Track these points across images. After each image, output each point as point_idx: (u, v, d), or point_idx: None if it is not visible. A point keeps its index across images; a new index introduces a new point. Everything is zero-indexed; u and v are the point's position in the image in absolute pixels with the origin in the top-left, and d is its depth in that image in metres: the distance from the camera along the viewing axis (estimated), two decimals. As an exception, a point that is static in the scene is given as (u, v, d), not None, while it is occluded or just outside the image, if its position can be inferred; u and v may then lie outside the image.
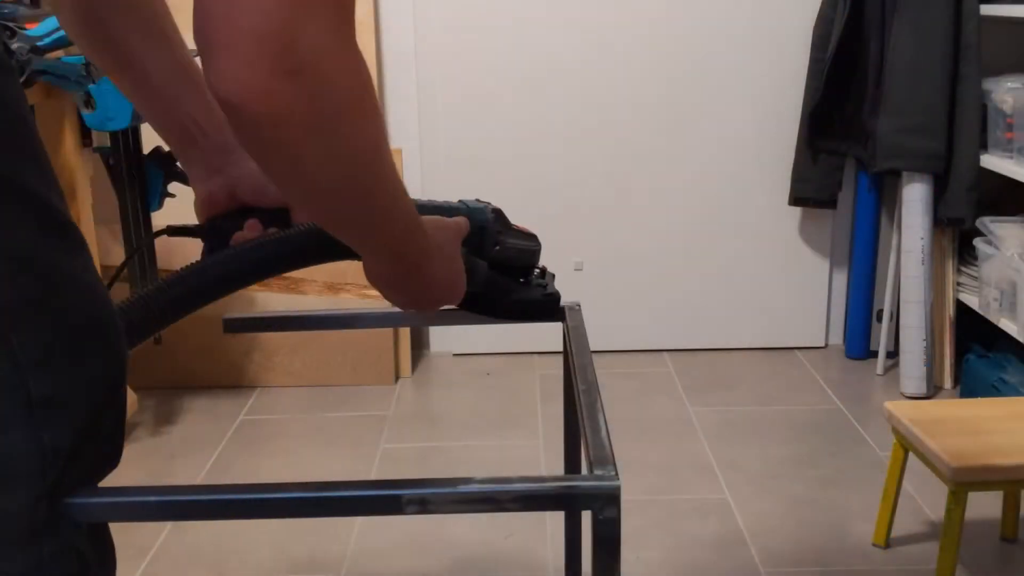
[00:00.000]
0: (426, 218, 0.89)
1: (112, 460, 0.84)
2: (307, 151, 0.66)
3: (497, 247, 1.07)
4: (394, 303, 0.92)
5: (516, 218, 1.13)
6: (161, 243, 1.91)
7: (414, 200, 0.98)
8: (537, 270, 1.16)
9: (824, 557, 2.07)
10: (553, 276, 1.20)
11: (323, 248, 0.92)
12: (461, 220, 0.99)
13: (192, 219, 1.06)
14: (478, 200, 1.08)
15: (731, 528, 2.19)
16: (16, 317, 0.70)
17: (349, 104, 0.66)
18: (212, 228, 1.02)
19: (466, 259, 0.98)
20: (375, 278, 0.88)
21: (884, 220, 3.06)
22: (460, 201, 1.07)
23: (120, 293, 0.84)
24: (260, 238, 0.95)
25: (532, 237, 1.14)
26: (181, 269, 0.93)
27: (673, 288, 3.17)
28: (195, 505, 0.82)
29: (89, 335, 0.76)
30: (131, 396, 2.68)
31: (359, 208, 0.75)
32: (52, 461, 0.73)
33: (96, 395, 0.77)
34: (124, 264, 1.09)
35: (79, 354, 0.75)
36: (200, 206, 1.04)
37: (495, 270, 1.07)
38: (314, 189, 0.71)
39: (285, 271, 0.97)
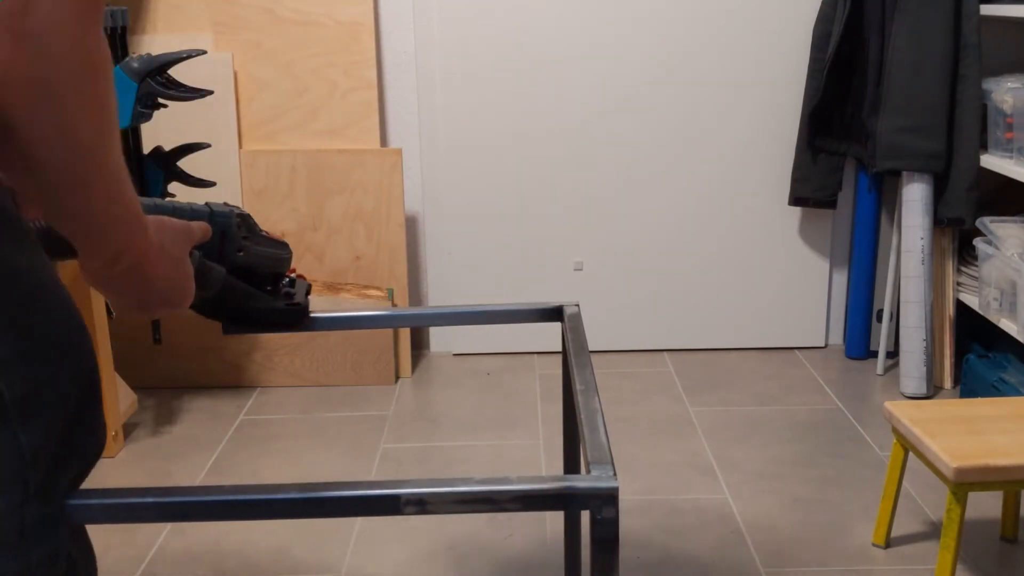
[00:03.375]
0: (150, 217, 0.88)
1: (96, 451, 0.84)
2: (23, 120, 0.67)
3: (241, 252, 1.05)
4: (115, 305, 0.89)
5: (516, 218, 1.13)
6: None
7: (154, 201, 0.98)
8: (287, 279, 1.14)
9: (824, 557, 2.07)
10: (309, 286, 1.18)
11: (46, 243, 0.89)
12: (198, 224, 0.96)
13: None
14: (225, 204, 1.06)
15: (731, 528, 2.19)
16: None
17: (73, 83, 0.68)
18: None
19: (199, 263, 0.96)
20: (92, 277, 0.85)
21: (884, 220, 3.07)
22: (206, 204, 1.05)
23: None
24: None
25: (282, 244, 1.12)
26: None
27: (673, 288, 3.17)
28: (195, 505, 0.82)
29: (59, 335, 0.76)
30: (131, 396, 2.68)
31: (76, 196, 0.74)
32: (32, 462, 0.73)
33: (71, 393, 0.77)
34: None
35: (51, 354, 0.75)
36: None
37: (240, 276, 1.05)
38: (29, 164, 0.71)
39: None
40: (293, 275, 1.17)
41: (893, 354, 3.03)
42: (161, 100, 2.32)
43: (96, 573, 0.88)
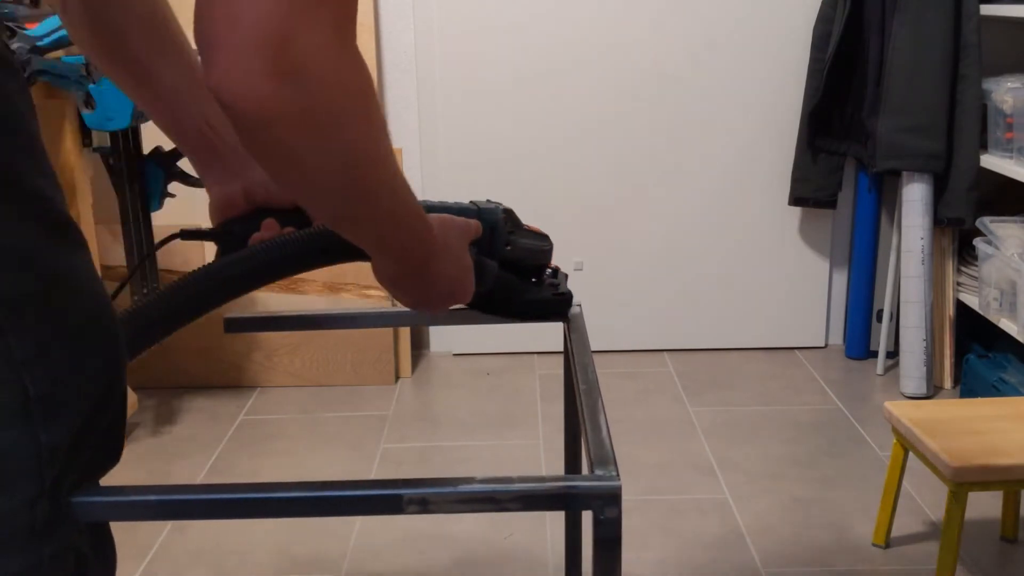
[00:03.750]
0: (433, 216, 0.89)
1: (112, 457, 0.84)
2: (303, 152, 0.66)
3: (508, 247, 1.07)
4: (403, 303, 0.93)
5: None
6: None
7: (425, 202, 0.98)
8: (549, 269, 1.16)
9: (824, 557, 2.07)
10: (566, 276, 1.20)
11: (333, 248, 0.92)
12: (471, 221, 0.99)
13: (188, 219, 1.05)
14: (489, 201, 1.09)
15: (731, 528, 2.19)
16: (14, 314, 0.70)
17: (345, 107, 0.66)
18: (227, 231, 1.01)
19: (475, 259, 0.98)
20: (383, 277, 0.88)
21: (884, 220, 3.06)
22: (471, 202, 1.08)
23: (121, 294, 0.84)
24: (275, 238, 0.94)
25: (544, 237, 1.14)
26: (196, 270, 0.93)
27: (673, 288, 3.17)
28: (195, 505, 0.82)
29: (87, 334, 0.76)
30: (131, 396, 2.68)
31: (362, 208, 0.75)
32: (49, 459, 0.73)
33: (94, 393, 0.77)
34: (135, 269, 1.09)
35: (77, 352, 0.75)
36: (215, 209, 1.03)
37: (506, 270, 1.07)
38: (313, 189, 0.71)
39: (296, 272, 0.97)
40: (555, 268, 1.19)
41: (893, 354, 3.03)
42: (161, 100, 2.31)
43: (114, 569, 0.89)
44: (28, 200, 0.72)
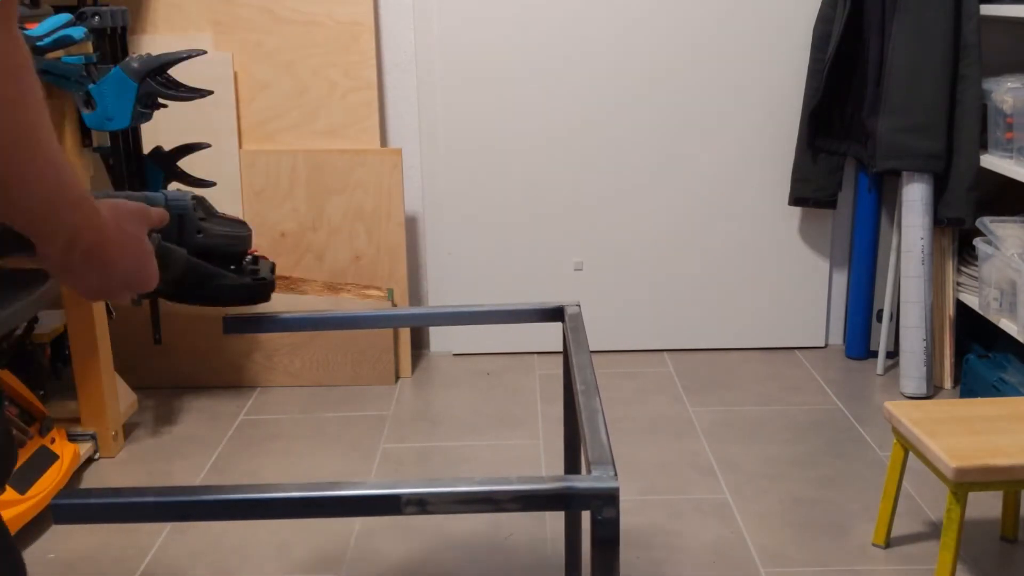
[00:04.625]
0: (104, 201, 0.89)
1: (8, 462, 0.84)
2: None
3: (200, 234, 1.08)
4: (80, 292, 0.91)
5: (516, 218, 1.13)
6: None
7: (105, 192, 0.99)
8: (249, 256, 1.17)
9: (824, 557, 2.07)
10: (272, 265, 1.21)
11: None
12: (153, 208, 0.98)
13: None
14: (179, 190, 1.10)
15: (731, 528, 2.19)
16: None
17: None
18: None
19: (159, 247, 0.98)
20: (53, 265, 0.87)
21: (884, 220, 3.06)
22: (161, 192, 1.08)
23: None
24: None
25: (241, 224, 1.15)
26: None
27: (673, 288, 3.17)
28: (194, 505, 0.82)
29: None
30: (131, 396, 2.68)
31: (16, 191, 0.76)
32: None
33: None
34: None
35: None
36: None
37: (202, 257, 1.08)
38: None
39: None
40: (255, 254, 1.20)
41: (893, 354, 3.03)
42: (161, 100, 2.32)
43: None
44: None
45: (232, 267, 1.15)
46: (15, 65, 0.70)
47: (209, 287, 1.11)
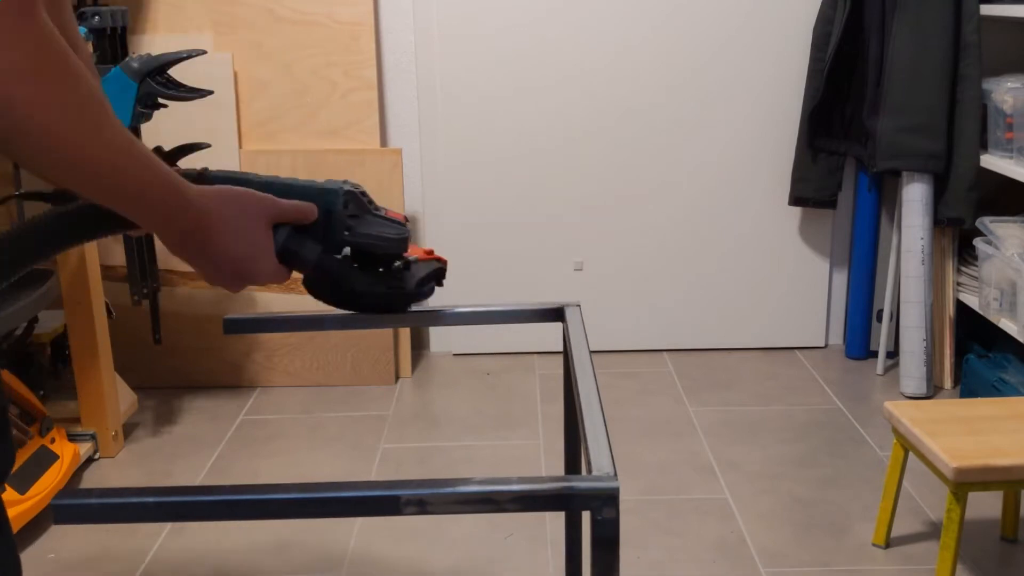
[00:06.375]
0: (220, 189, 0.88)
1: (6, 463, 0.84)
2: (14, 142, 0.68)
3: (347, 232, 1.00)
4: (202, 277, 0.91)
5: (516, 218, 1.12)
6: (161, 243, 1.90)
7: (275, 178, 0.96)
8: (400, 262, 1.07)
9: (824, 557, 2.07)
10: (436, 270, 1.11)
11: (100, 220, 0.89)
12: (288, 202, 0.95)
13: None
14: (347, 182, 1.02)
15: (731, 528, 2.19)
16: None
17: (27, 90, 0.67)
18: (61, 195, 0.97)
19: (286, 238, 0.94)
20: (171, 249, 0.88)
21: (884, 220, 3.06)
22: (315, 183, 1.02)
23: (121, 294, 0.84)
24: (44, 214, 0.90)
25: (397, 224, 1.05)
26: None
27: (673, 288, 3.17)
28: (194, 505, 0.82)
29: None
30: (131, 396, 2.68)
31: (90, 187, 0.76)
32: None
33: None
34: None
35: None
36: None
37: (360, 257, 1.02)
38: (43, 174, 0.73)
39: (68, 246, 0.92)
40: (413, 257, 1.09)
41: (893, 354, 3.03)
42: (161, 100, 2.31)
43: None
44: None
45: (381, 270, 1.06)
46: (55, 60, 0.68)
47: (343, 289, 1.04)
